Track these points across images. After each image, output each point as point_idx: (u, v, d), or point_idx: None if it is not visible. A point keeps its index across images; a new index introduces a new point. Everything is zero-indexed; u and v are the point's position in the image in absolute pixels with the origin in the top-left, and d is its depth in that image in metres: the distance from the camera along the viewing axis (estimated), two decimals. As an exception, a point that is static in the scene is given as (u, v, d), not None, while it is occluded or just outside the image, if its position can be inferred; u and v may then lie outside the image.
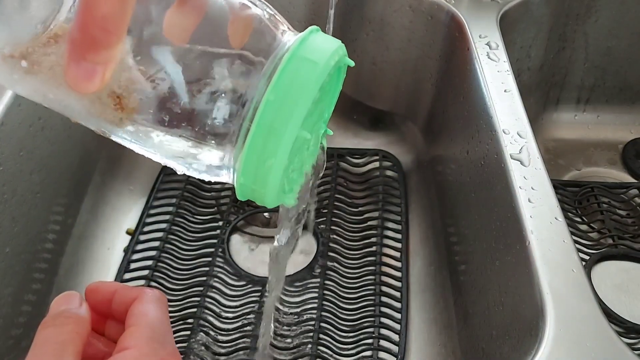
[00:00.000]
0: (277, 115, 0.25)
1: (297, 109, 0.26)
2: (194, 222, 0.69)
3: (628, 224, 0.70)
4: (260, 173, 0.26)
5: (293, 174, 0.30)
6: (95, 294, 0.33)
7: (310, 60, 0.26)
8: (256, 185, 0.27)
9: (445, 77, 0.71)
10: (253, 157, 0.26)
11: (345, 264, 0.65)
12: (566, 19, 0.77)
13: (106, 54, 0.24)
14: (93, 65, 0.24)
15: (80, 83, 0.24)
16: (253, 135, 0.26)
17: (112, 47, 0.24)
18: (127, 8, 0.24)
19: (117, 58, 0.25)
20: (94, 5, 0.23)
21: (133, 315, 0.31)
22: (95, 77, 0.24)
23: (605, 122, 0.84)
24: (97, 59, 0.24)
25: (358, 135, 0.81)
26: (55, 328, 0.29)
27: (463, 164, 0.62)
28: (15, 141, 0.53)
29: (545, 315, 0.41)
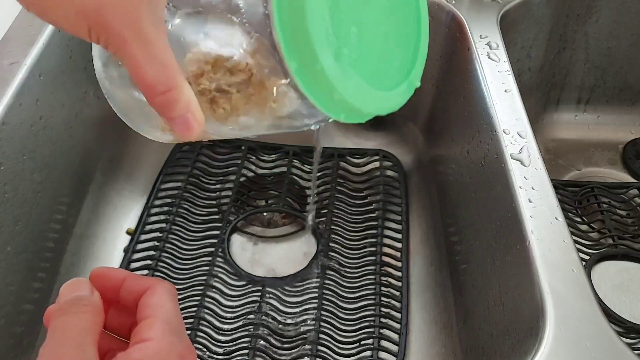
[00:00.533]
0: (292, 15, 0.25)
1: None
2: (194, 222, 0.69)
3: (628, 224, 0.70)
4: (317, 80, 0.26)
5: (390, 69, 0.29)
6: (103, 279, 0.33)
7: None
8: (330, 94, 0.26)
9: (446, 77, 0.71)
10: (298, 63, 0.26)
11: (345, 263, 0.65)
12: (567, 19, 0.77)
13: (182, 105, 0.27)
14: (183, 118, 0.27)
15: (185, 134, 0.28)
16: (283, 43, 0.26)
17: (179, 99, 0.26)
18: (165, 62, 0.26)
19: (192, 99, 0.27)
20: (140, 80, 0.26)
21: (148, 307, 0.31)
22: (191, 125, 0.27)
23: (606, 122, 0.84)
24: (180, 113, 0.27)
25: (359, 135, 0.81)
26: (74, 315, 0.29)
27: (463, 164, 0.62)
28: (17, 141, 0.53)
29: (545, 315, 0.41)
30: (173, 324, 0.30)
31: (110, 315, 0.33)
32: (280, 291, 0.63)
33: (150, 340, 0.29)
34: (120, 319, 0.33)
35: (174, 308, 0.31)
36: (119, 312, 0.33)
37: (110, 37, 0.25)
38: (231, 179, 0.74)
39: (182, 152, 0.76)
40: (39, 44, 0.57)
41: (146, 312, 0.30)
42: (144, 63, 0.26)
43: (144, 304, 0.31)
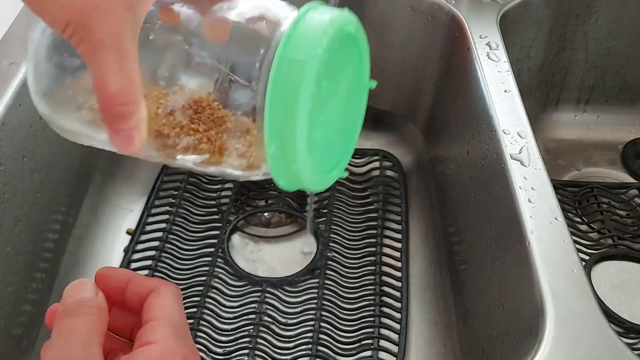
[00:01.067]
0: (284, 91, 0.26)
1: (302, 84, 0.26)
2: (194, 222, 0.69)
3: (628, 224, 0.70)
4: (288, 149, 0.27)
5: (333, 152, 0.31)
6: (107, 280, 0.33)
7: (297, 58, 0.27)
8: (288, 161, 0.27)
9: (446, 77, 0.71)
10: (275, 138, 0.26)
11: (345, 263, 0.65)
12: (566, 19, 0.77)
13: (132, 120, 0.27)
14: (128, 132, 0.28)
15: (125, 148, 0.28)
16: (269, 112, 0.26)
17: (134, 114, 0.27)
18: (133, 77, 0.27)
19: (144, 117, 0.28)
20: (103, 88, 0.26)
21: (152, 309, 0.30)
22: (134, 141, 0.28)
23: (605, 122, 0.84)
24: (128, 127, 0.27)
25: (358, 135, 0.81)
26: (80, 317, 0.29)
27: (463, 164, 0.62)
28: (16, 141, 0.53)
29: (545, 315, 0.41)
30: (178, 326, 0.30)
31: (113, 316, 0.33)
32: (280, 291, 0.63)
33: (155, 342, 0.28)
34: (123, 320, 0.33)
35: (178, 310, 0.31)
36: (122, 313, 0.33)
37: (87, 38, 0.26)
38: (231, 179, 0.74)
39: (182, 153, 0.76)
40: (38, 44, 0.57)
41: (151, 314, 0.30)
42: (113, 71, 0.26)
43: (148, 305, 0.31)
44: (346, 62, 0.31)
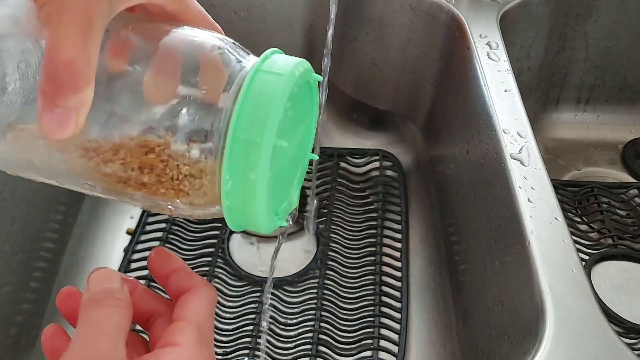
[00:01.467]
0: (251, 126, 0.25)
1: (269, 117, 0.26)
2: (194, 222, 0.69)
3: (628, 224, 0.70)
4: (245, 190, 0.26)
5: (281, 199, 0.30)
6: (162, 260, 0.32)
7: (274, 73, 0.27)
8: (244, 205, 0.27)
9: (445, 77, 0.71)
10: (235, 174, 0.26)
11: (345, 263, 0.65)
12: (566, 18, 0.77)
13: (77, 98, 0.24)
14: (65, 112, 0.24)
15: (55, 130, 0.25)
16: (230, 150, 0.26)
17: (81, 91, 0.24)
18: (91, 51, 0.24)
19: (88, 102, 0.25)
20: (58, 52, 0.24)
21: (186, 308, 0.30)
22: (69, 123, 0.25)
23: (605, 122, 0.84)
24: (69, 104, 0.24)
25: (358, 135, 0.81)
26: (110, 309, 0.28)
27: (463, 163, 0.62)
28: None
29: (545, 315, 0.41)
30: (205, 333, 0.29)
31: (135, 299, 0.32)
32: (280, 291, 0.63)
33: (181, 345, 0.28)
34: (144, 306, 0.32)
35: (209, 316, 0.30)
36: (145, 298, 0.33)
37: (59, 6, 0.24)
38: (230, 179, 0.74)
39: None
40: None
41: (183, 313, 0.30)
42: (71, 40, 0.24)
43: (184, 302, 0.30)
44: (301, 116, 0.31)
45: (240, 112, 0.26)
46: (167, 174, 0.27)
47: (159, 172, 0.27)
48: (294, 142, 0.30)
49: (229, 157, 0.26)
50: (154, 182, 0.27)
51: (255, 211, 0.27)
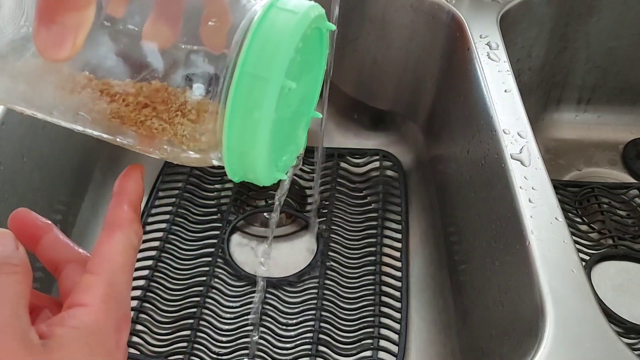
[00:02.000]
0: (260, 61, 0.24)
1: (280, 53, 0.24)
2: (194, 222, 0.69)
3: (628, 224, 0.70)
4: (248, 130, 0.25)
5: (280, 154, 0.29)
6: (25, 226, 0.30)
7: (288, 10, 0.25)
8: (244, 146, 0.25)
9: (446, 77, 0.71)
10: (238, 113, 0.24)
11: (345, 263, 0.65)
12: (567, 19, 0.77)
13: (77, 16, 0.23)
14: (63, 29, 0.23)
15: (50, 49, 0.23)
16: (236, 85, 0.24)
17: (82, 8, 0.23)
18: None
19: (89, 22, 0.23)
20: None
21: (97, 257, 0.27)
22: (66, 42, 0.23)
23: (606, 122, 0.84)
24: (68, 21, 0.23)
25: (358, 135, 0.81)
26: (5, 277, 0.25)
27: (463, 163, 0.62)
28: (16, 139, 0.53)
29: (545, 315, 0.41)
30: (116, 285, 0.27)
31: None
32: (280, 291, 0.63)
33: (87, 306, 0.26)
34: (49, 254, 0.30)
35: (124, 264, 0.27)
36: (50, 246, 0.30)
37: None
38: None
39: (182, 152, 0.76)
40: (38, 43, 0.57)
41: (92, 264, 0.27)
42: None
43: (95, 251, 0.28)
44: (309, 66, 0.30)
45: (250, 46, 0.24)
46: (166, 114, 0.26)
47: (158, 111, 0.26)
48: (298, 93, 0.29)
49: (234, 92, 0.24)
50: (151, 121, 0.26)
51: (256, 154, 0.25)
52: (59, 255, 0.30)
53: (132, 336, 0.58)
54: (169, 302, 0.61)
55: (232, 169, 0.26)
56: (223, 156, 0.26)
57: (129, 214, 0.29)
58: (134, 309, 0.60)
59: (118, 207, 0.29)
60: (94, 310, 0.26)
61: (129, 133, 0.27)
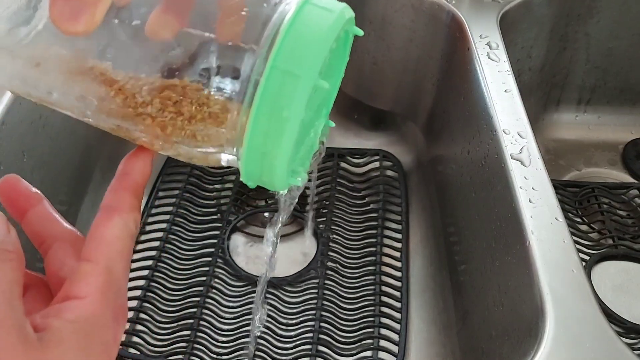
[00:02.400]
0: (293, 57, 0.23)
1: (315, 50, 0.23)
2: (194, 222, 0.69)
3: (628, 224, 0.70)
4: (274, 128, 0.23)
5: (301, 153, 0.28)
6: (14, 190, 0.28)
7: (324, 8, 0.24)
8: (268, 146, 0.23)
9: (446, 77, 0.71)
10: (265, 110, 0.23)
11: (345, 263, 0.65)
12: (567, 19, 0.77)
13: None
14: (82, 1, 0.22)
15: (67, 21, 0.22)
16: (266, 80, 0.23)
17: None
18: None
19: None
20: None
21: (94, 243, 0.26)
22: (84, 15, 0.22)
23: (606, 122, 0.84)
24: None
25: (359, 135, 0.81)
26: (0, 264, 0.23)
27: (463, 164, 0.62)
28: (16, 139, 0.53)
29: (545, 316, 0.41)
30: (115, 274, 0.25)
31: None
32: (280, 291, 0.63)
33: (84, 298, 0.24)
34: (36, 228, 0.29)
35: (123, 250, 0.26)
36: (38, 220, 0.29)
37: None
38: (231, 179, 0.74)
39: (182, 152, 0.76)
40: (38, 43, 0.57)
41: (89, 250, 0.25)
42: None
43: (92, 236, 0.26)
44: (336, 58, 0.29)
45: (284, 42, 0.23)
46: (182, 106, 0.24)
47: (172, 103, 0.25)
48: (319, 97, 0.28)
49: (264, 88, 0.23)
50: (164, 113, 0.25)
51: (278, 155, 0.24)
52: (47, 231, 0.29)
53: (132, 336, 0.58)
54: (169, 302, 0.61)
55: (248, 170, 0.25)
56: (241, 156, 0.25)
57: (130, 199, 0.27)
58: (134, 309, 0.60)
59: (120, 190, 0.27)
60: (92, 302, 0.24)
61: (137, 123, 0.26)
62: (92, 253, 0.25)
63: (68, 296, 0.24)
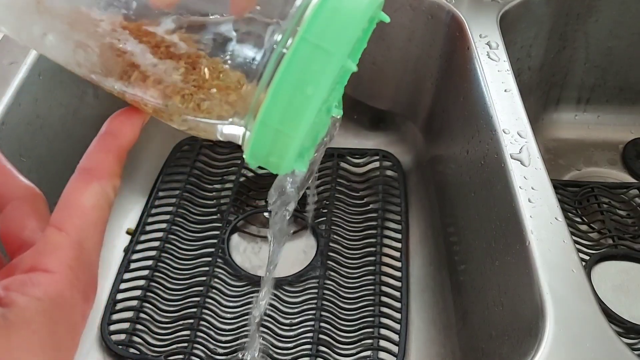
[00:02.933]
0: (325, 32, 0.21)
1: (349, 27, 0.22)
2: (194, 222, 0.69)
3: (628, 224, 0.70)
4: (295, 106, 0.21)
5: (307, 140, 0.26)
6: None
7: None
8: (284, 124, 0.22)
9: (446, 77, 0.71)
10: (288, 85, 0.21)
11: (345, 263, 0.65)
12: (567, 18, 0.77)
13: None
14: None
15: None
16: (293, 52, 0.21)
17: None
18: None
19: None
20: None
21: (66, 209, 0.23)
22: None
23: (606, 122, 0.84)
24: None
25: (358, 135, 0.81)
26: None
27: (463, 163, 0.62)
28: (14, 140, 0.53)
29: (545, 316, 0.41)
30: (87, 248, 0.23)
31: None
32: (280, 291, 0.63)
33: (52, 273, 0.22)
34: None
35: (98, 222, 0.24)
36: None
37: None
38: (231, 179, 0.74)
39: (182, 152, 0.76)
40: (37, 43, 0.57)
41: (61, 217, 0.23)
42: None
43: (66, 199, 0.24)
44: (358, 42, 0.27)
45: (317, 14, 0.22)
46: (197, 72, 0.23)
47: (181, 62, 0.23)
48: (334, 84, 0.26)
49: (289, 60, 0.21)
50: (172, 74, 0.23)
51: (293, 135, 0.22)
52: (2, 186, 0.26)
53: (132, 336, 0.58)
54: (169, 302, 0.61)
55: (256, 147, 0.23)
56: (252, 131, 0.23)
57: (112, 164, 0.24)
58: (134, 309, 0.60)
59: (102, 152, 0.25)
60: (60, 278, 0.22)
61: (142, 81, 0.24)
62: (64, 221, 0.23)
63: (35, 267, 0.22)
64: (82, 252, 0.23)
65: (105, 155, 0.24)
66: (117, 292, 0.61)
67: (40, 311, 0.21)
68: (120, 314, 0.60)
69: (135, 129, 0.25)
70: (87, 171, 0.24)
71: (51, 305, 0.22)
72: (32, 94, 0.55)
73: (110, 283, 0.62)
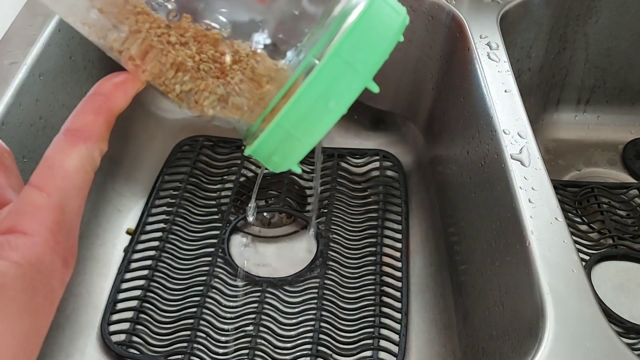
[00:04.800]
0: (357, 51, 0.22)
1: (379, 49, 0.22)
2: (194, 222, 0.69)
3: (628, 224, 0.70)
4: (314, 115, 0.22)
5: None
6: None
7: (394, 8, 0.24)
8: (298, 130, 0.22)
9: (446, 78, 0.71)
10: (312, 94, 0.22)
11: (345, 264, 0.65)
12: (566, 19, 0.77)
13: None
14: None
15: None
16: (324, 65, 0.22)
17: None
18: None
19: None
20: None
21: (51, 169, 0.22)
22: None
23: (606, 122, 0.84)
24: None
25: (359, 136, 0.81)
26: None
27: (463, 164, 0.62)
28: (16, 141, 0.53)
29: (545, 315, 0.41)
30: (69, 212, 0.22)
31: None
32: (280, 291, 0.63)
33: (31, 235, 0.21)
34: None
35: (82, 186, 0.23)
36: None
37: None
38: (231, 179, 0.74)
39: (182, 152, 0.76)
40: (38, 44, 0.57)
41: (42, 177, 0.22)
42: None
43: (50, 159, 0.22)
44: None
45: (353, 31, 0.22)
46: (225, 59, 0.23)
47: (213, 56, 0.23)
48: None
49: (319, 71, 0.22)
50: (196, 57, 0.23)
51: (305, 142, 0.23)
52: None
53: (132, 336, 0.58)
54: (169, 302, 0.61)
55: (264, 144, 0.23)
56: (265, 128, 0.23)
57: (101, 126, 0.23)
58: (134, 309, 0.60)
59: (91, 113, 0.24)
60: (40, 241, 0.21)
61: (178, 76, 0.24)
62: (45, 182, 0.22)
63: (13, 229, 0.21)
64: (63, 215, 0.22)
65: (94, 117, 0.23)
66: (117, 292, 0.61)
67: (19, 276, 0.20)
68: (120, 314, 0.60)
69: (127, 95, 0.24)
70: (73, 132, 0.23)
71: (30, 270, 0.21)
72: (33, 94, 0.55)
73: (110, 283, 0.63)
